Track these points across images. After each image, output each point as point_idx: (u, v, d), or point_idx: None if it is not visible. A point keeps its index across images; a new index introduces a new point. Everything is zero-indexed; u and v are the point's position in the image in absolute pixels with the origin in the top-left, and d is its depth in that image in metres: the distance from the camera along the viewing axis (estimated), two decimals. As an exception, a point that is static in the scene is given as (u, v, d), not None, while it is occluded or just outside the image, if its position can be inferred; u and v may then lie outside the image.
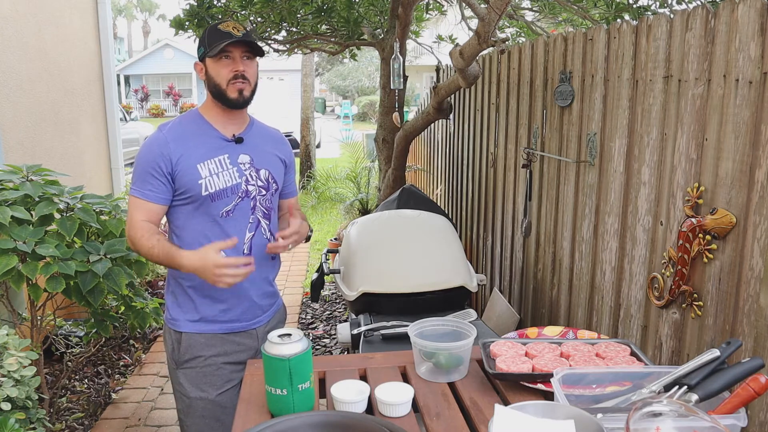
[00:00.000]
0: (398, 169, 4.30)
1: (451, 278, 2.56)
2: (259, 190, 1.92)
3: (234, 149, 1.90)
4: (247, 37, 1.83)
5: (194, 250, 1.79)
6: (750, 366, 1.20)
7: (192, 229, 1.87)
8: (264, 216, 1.95)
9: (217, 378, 1.91)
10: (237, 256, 1.82)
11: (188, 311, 1.91)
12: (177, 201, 1.87)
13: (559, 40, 2.57)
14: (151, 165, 1.81)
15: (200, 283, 1.84)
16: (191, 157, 1.83)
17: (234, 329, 1.94)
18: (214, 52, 1.81)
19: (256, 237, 1.92)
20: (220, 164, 1.86)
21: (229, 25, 1.84)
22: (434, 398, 1.43)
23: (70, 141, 4.66)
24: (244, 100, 1.86)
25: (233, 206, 1.87)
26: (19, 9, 4.03)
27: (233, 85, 1.83)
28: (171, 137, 1.84)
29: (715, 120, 1.69)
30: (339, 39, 4.55)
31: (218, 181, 1.85)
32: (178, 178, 1.83)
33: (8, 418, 1.99)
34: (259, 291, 1.97)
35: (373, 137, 5.17)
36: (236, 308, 1.93)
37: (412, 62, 11.15)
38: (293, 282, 5.57)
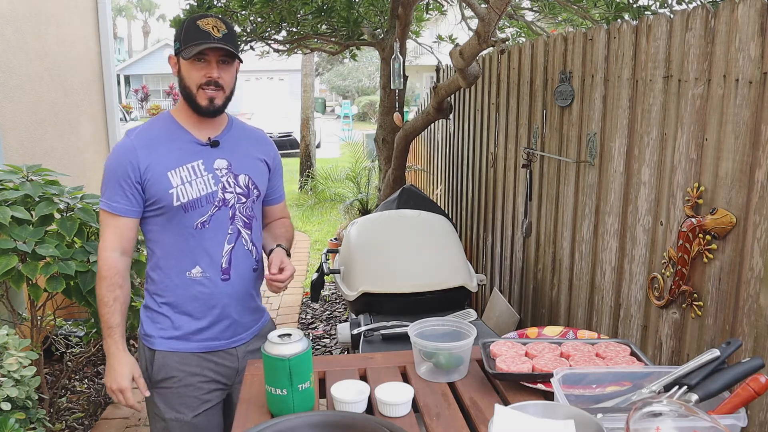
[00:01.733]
0: (398, 169, 4.30)
1: (451, 278, 2.56)
2: (237, 197, 1.78)
3: (209, 154, 1.75)
4: (227, 41, 1.67)
5: (126, 356, 1.71)
6: (750, 366, 1.20)
7: (166, 243, 1.74)
8: (245, 226, 1.80)
9: (194, 399, 1.78)
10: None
11: (163, 328, 1.78)
12: (148, 212, 1.73)
13: (559, 40, 2.57)
14: (118, 174, 1.68)
15: (175, 300, 1.76)
16: (161, 164, 1.69)
17: (212, 348, 1.80)
18: (189, 54, 1.65)
19: (237, 249, 1.78)
20: (194, 171, 1.72)
21: (209, 22, 1.67)
22: (434, 398, 1.43)
23: (70, 141, 4.66)
24: (214, 109, 1.72)
25: (209, 217, 1.73)
26: (19, 9, 4.03)
27: (203, 92, 1.69)
28: (139, 143, 1.70)
29: (715, 120, 1.69)
30: (339, 39, 4.55)
31: (191, 190, 1.70)
32: (148, 188, 1.69)
33: (8, 418, 1.99)
34: (241, 307, 1.83)
35: (373, 137, 5.17)
36: (215, 326, 1.79)
37: (412, 62, 11.15)
38: (293, 282, 5.54)
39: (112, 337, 1.71)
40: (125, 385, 1.70)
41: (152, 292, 1.80)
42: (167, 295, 1.77)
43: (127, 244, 1.73)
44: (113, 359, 1.71)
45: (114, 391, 1.71)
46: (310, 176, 9.98)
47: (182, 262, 1.74)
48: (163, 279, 1.77)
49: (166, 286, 1.77)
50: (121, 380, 1.70)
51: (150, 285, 1.80)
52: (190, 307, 1.76)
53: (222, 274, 1.77)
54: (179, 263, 1.75)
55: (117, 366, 1.71)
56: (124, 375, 1.70)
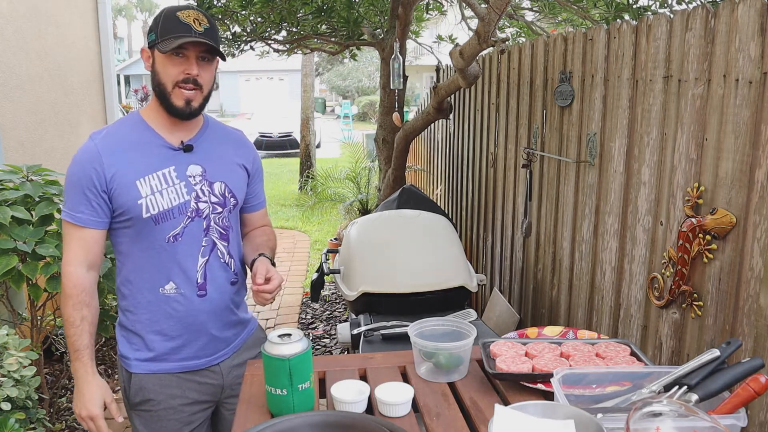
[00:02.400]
0: (398, 169, 4.30)
1: (451, 278, 2.56)
2: (212, 207, 1.63)
3: (182, 159, 1.60)
4: (209, 35, 1.52)
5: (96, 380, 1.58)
6: (750, 366, 1.20)
7: (136, 257, 1.61)
8: (220, 237, 1.66)
9: (174, 422, 1.67)
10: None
11: (138, 349, 1.65)
12: (116, 224, 1.59)
13: (559, 40, 2.57)
14: (82, 183, 1.53)
15: (149, 317, 1.63)
16: (129, 172, 1.55)
17: (191, 368, 1.68)
18: (166, 48, 1.49)
19: (212, 262, 1.65)
20: (165, 179, 1.57)
21: (190, 15, 1.52)
22: (434, 398, 1.43)
23: (70, 141, 4.66)
24: (190, 111, 1.57)
25: (182, 229, 1.59)
26: (19, 9, 4.03)
27: (179, 90, 1.54)
28: (104, 148, 1.55)
29: (715, 120, 1.69)
30: (339, 39, 4.55)
31: (162, 201, 1.56)
32: (115, 198, 1.54)
33: (8, 418, 1.99)
34: (220, 323, 1.70)
35: (373, 137, 5.17)
36: (193, 344, 1.66)
37: (412, 62, 11.16)
38: (293, 282, 5.57)
39: (80, 359, 1.57)
40: (96, 412, 1.58)
41: (124, 308, 1.67)
42: (139, 312, 1.64)
43: (94, 258, 1.59)
44: (82, 383, 1.58)
45: (84, 418, 1.58)
46: (310, 176, 9.98)
47: (154, 277, 1.61)
48: (135, 295, 1.64)
49: (138, 302, 1.64)
50: (91, 407, 1.57)
51: (122, 301, 1.67)
52: (165, 325, 1.63)
53: (198, 290, 1.64)
54: (151, 278, 1.61)
55: (86, 391, 1.58)
56: (94, 401, 1.58)
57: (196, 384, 1.69)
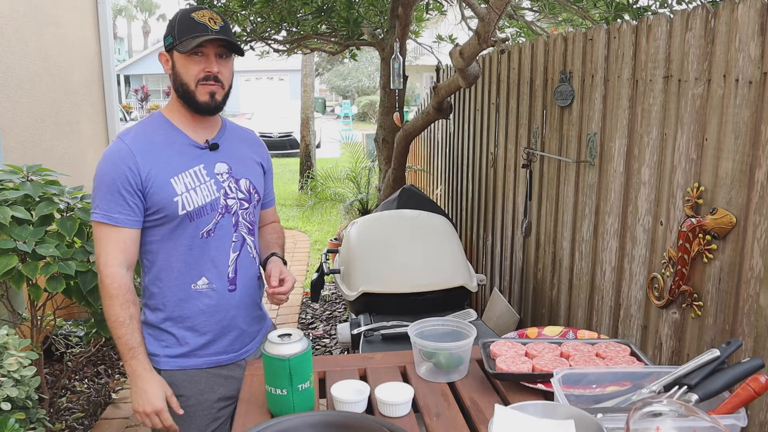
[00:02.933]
0: (398, 169, 4.30)
1: (451, 278, 2.56)
2: (240, 203, 1.69)
3: (209, 158, 1.66)
4: (225, 33, 1.58)
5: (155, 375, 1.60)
6: (750, 366, 1.20)
7: (168, 254, 1.64)
8: (249, 232, 1.73)
9: (203, 417, 1.70)
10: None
11: (168, 346, 1.68)
12: (148, 222, 1.62)
13: (559, 40, 2.57)
14: (118, 182, 1.55)
15: (180, 314, 1.66)
16: (163, 170, 1.59)
17: (221, 362, 1.72)
18: (186, 48, 1.55)
19: (242, 257, 1.71)
20: (196, 177, 1.62)
21: (204, 14, 1.58)
22: (434, 398, 1.43)
23: (70, 141, 4.66)
24: (215, 105, 1.62)
25: (213, 225, 1.64)
26: (19, 9, 4.03)
27: (203, 87, 1.59)
28: (136, 148, 1.58)
29: (715, 120, 1.69)
30: (339, 39, 4.55)
31: (196, 197, 1.61)
32: (150, 196, 1.58)
33: (8, 418, 1.99)
34: (248, 317, 1.76)
35: (373, 137, 5.17)
36: (223, 339, 1.71)
37: (412, 62, 11.16)
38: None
39: (136, 357, 1.59)
40: (160, 406, 1.59)
41: (153, 307, 1.69)
42: (170, 309, 1.67)
43: (132, 258, 1.62)
44: (141, 381, 1.59)
45: (149, 414, 1.58)
46: (310, 176, 9.98)
47: (186, 274, 1.65)
48: (165, 292, 1.67)
49: (169, 300, 1.67)
50: (155, 401, 1.58)
51: (150, 299, 1.69)
52: (196, 321, 1.67)
53: (229, 285, 1.69)
54: (183, 275, 1.65)
55: (148, 387, 1.59)
56: (158, 395, 1.59)
57: (223, 379, 1.72)
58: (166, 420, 1.61)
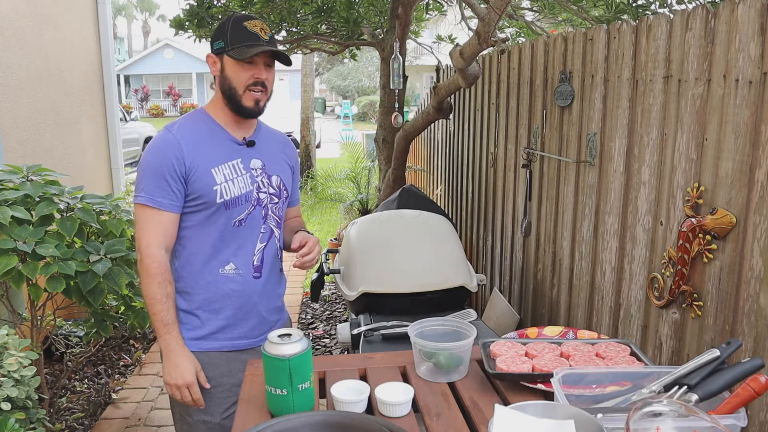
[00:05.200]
0: (398, 169, 4.30)
1: (451, 278, 2.56)
2: (270, 197, 1.82)
3: (246, 153, 1.79)
4: (274, 44, 1.73)
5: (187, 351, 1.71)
6: (750, 366, 1.20)
7: (200, 240, 1.75)
8: (277, 225, 1.86)
9: (223, 400, 1.79)
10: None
11: (191, 328, 1.78)
12: (186, 208, 1.73)
13: (559, 40, 2.57)
14: (164, 168, 1.67)
15: (206, 297, 1.77)
16: (205, 160, 1.72)
17: (240, 347, 1.82)
18: (242, 56, 1.68)
19: (269, 248, 1.83)
20: (234, 169, 1.76)
21: (257, 24, 1.71)
22: (434, 398, 1.43)
23: (70, 141, 4.66)
24: (259, 110, 1.76)
25: (246, 215, 1.77)
26: (19, 9, 4.03)
27: (250, 93, 1.72)
28: (182, 139, 1.71)
29: (715, 120, 1.69)
30: (339, 39, 4.55)
31: (233, 188, 1.74)
32: (192, 183, 1.70)
33: (8, 418, 1.99)
34: (269, 306, 1.87)
35: (373, 137, 5.17)
36: (244, 324, 1.82)
37: (412, 62, 11.16)
38: (293, 282, 5.57)
39: (171, 333, 1.70)
40: (191, 379, 1.69)
41: (180, 290, 1.78)
42: (197, 292, 1.77)
43: (170, 241, 1.73)
44: (174, 355, 1.69)
45: (180, 386, 1.69)
46: (310, 176, 9.98)
47: (215, 258, 1.76)
48: (194, 275, 1.77)
49: (197, 282, 1.77)
50: (187, 375, 1.69)
51: (178, 283, 1.77)
52: (221, 304, 1.78)
53: (254, 272, 1.80)
54: (212, 260, 1.76)
55: (180, 361, 1.69)
56: (189, 370, 1.69)
57: (242, 364, 1.78)
58: (195, 393, 1.71)
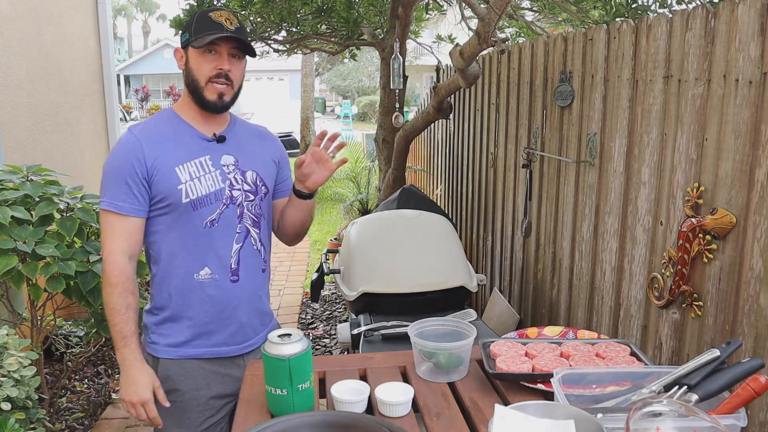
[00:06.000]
0: (398, 169, 4.30)
1: (451, 278, 2.56)
2: (245, 195, 1.72)
3: (216, 149, 1.69)
4: (239, 33, 1.63)
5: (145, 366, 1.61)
6: (750, 366, 1.20)
7: (171, 244, 1.66)
8: (253, 224, 1.74)
9: (198, 414, 1.71)
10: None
11: (168, 334, 1.70)
12: (153, 211, 1.65)
13: (559, 40, 2.57)
14: (124, 172, 1.59)
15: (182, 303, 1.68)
16: (168, 159, 1.62)
17: (219, 354, 1.73)
18: (200, 43, 1.59)
19: (245, 249, 1.72)
20: (202, 166, 1.66)
21: (222, 14, 1.63)
22: (434, 398, 1.43)
23: (70, 141, 4.66)
24: (222, 104, 1.66)
25: (218, 215, 1.66)
26: (19, 9, 4.03)
27: (212, 85, 1.63)
28: (144, 139, 1.63)
29: (715, 120, 1.69)
30: (339, 39, 4.55)
31: (200, 186, 1.64)
32: (155, 184, 1.61)
33: (8, 418, 1.99)
34: (250, 309, 1.77)
35: (373, 137, 5.17)
36: (223, 330, 1.72)
37: (412, 62, 11.18)
38: (293, 282, 5.57)
39: (128, 346, 1.60)
40: (147, 396, 1.60)
41: (156, 295, 1.72)
42: (174, 298, 1.69)
43: (135, 247, 1.65)
44: (132, 370, 1.60)
45: (134, 404, 1.60)
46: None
47: (189, 263, 1.67)
48: (170, 281, 1.69)
49: (173, 288, 1.69)
50: (143, 392, 1.60)
51: (154, 289, 1.72)
52: (198, 310, 1.69)
53: (231, 275, 1.70)
54: (186, 264, 1.67)
55: (137, 377, 1.60)
56: (145, 386, 1.60)
57: (219, 376, 1.73)
58: (150, 411, 1.61)
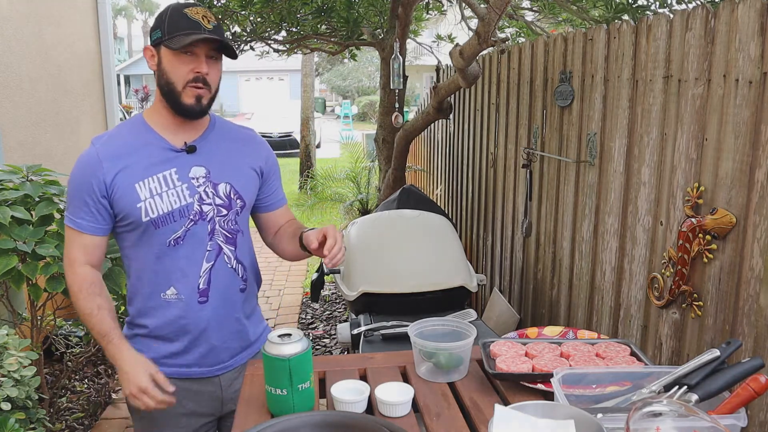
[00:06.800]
0: (398, 169, 4.30)
1: (451, 278, 2.56)
2: (217, 209, 1.58)
3: (184, 161, 1.56)
4: (218, 33, 1.50)
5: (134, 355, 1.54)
6: (750, 366, 1.20)
7: (139, 261, 1.58)
8: (227, 241, 1.61)
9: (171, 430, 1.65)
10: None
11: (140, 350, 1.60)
12: (119, 228, 1.57)
13: (559, 40, 2.57)
14: (83, 190, 1.51)
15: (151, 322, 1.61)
16: (128, 175, 1.51)
17: (191, 375, 1.64)
18: (177, 44, 1.46)
19: (217, 268, 1.59)
20: (165, 182, 1.53)
21: (198, 12, 1.49)
22: (434, 398, 1.43)
23: (70, 141, 4.66)
24: (200, 108, 1.53)
25: (183, 232, 1.55)
26: (19, 9, 4.03)
27: (190, 89, 1.50)
28: (104, 153, 1.51)
29: (715, 120, 1.69)
30: (339, 39, 4.55)
31: (161, 204, 1.52)
32: (116, 202, 1.51)
33: (8, 418, 1.99)
34: (223, 332, 1.64)
35: (373, 137, 5.17)
36: (193, 351, 1.62)
37: (412, 62, 11.18)
38: (293, 282, 5.57)
39: (111, 342, 1.54)
40: (145, 383, 1.51)
41: (131, 312, 1.65)
42: (142, 316, 1.62)
43: (96, 260, 1.58)
44: (122, 363, 1.53)
45: (136, 395, 1.52)
46: (310, 176, 9.97)
47: (156, 282, 1.58)
48: (139, 299, 1.62)
49: (141, 306, 1.62)
50: (139, 381, 1.51)
51: (129, 305, 1.66)
52: (166, 330, 1.60)
53: (199, 296, 1.59)
54: (153, 283, 1.58)
55: (129, 368, 1.53)
56: (140, 374, 1.52)
57: (192, 394, 1.65)
58: (155, 396, 1.52)
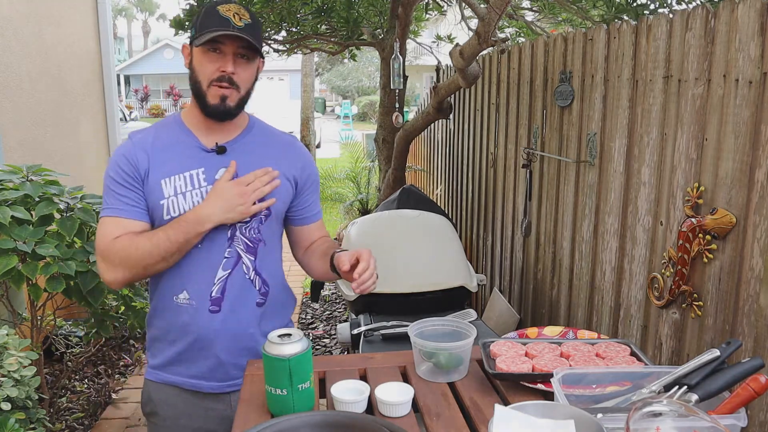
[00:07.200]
0: (398, 169, 4.30)
1: (451, 278, 2.56)
2: None
3: (213, 162, 1.50)
4: (249, 31, 1.43)
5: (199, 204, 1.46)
6: (750, 366, 1.20)
7: None
8: (247, 249, 1.53)
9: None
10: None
11: (153, 355, 1.60)
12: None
13: (559, 40, 2.57)
14: (122, 176, 1.47)
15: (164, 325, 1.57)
16: (157, 170, 1.47)
17: (198, 387, 1.58)
18: (202, 40, 1.40)
19: (234, 277, 1.52)
20: (190, 181, 1.48)
21: (231, 9, 1.43)
22: (434, 398, 1.43)
23: (70, 141, 4.66)
24: (224, 109, 1.47)
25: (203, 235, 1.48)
26: (19, 9, 4.03)
27: (215, 88, 1.44)
28: (140, 146, 1.49)
29: (715, 120, 1.69)
30: (339, 39, 4.55)
31: (183, 203, 1.47)
32: (146, 196, 1.49)
33: (8, 418, 1.99)
34: (234, 347, 1.55)
35: (373, 137, 5.17)
36: (199, 362, 1.56)
37: (412, 62, 11.18)
38: (293, 282, 5.56)
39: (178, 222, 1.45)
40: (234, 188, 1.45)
41: (149, 311, 1.62)
42: (157, 318, 1.58)
43: None
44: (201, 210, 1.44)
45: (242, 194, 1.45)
46: (310, 176, 9.97)
47: (171, 284, 1.53)
48: (155, 297, 1.59)
49: (156, 307, 1.58)
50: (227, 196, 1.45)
51: (150, 302, 1.63)
52: (176, 335, 1.55)
53: (210, 304, 1.52)
54: (168, 285, 1.54)
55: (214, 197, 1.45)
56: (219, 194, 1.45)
57: (202, 410, 1.59)
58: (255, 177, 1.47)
